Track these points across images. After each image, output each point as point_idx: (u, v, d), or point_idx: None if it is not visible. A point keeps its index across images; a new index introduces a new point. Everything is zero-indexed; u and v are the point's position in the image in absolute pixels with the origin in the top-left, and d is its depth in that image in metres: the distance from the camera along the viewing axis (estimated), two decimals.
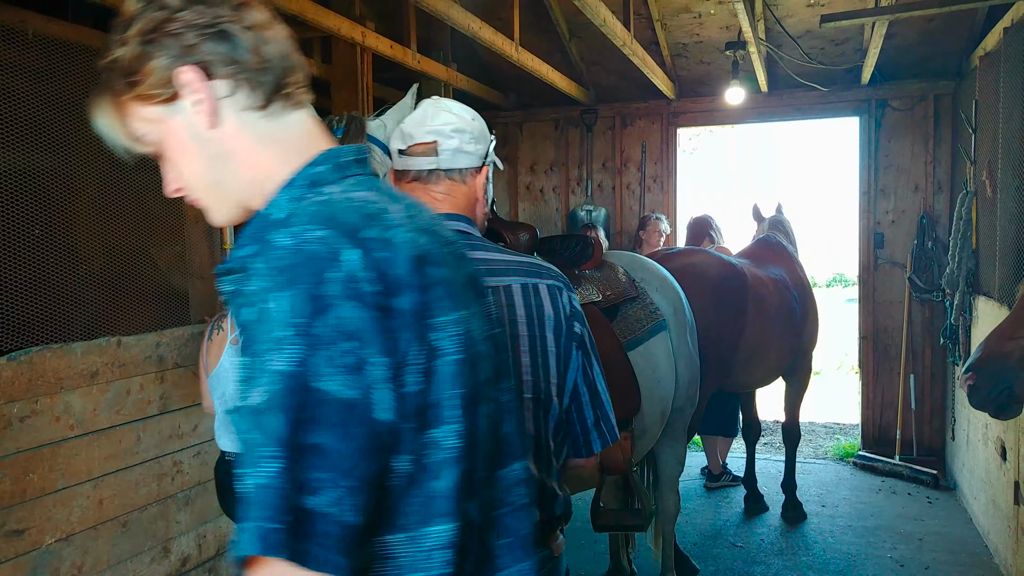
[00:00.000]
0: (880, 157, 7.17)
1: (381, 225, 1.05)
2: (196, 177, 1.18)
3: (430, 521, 1.05)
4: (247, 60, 1.12)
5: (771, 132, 28.49)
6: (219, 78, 1.11)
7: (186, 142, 1.15)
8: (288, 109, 1.17)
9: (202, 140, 1.14)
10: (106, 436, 3.27)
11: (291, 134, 1.17)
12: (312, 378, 0.92)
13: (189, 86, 1.10)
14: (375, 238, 1.02)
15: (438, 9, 4.31)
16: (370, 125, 2.19)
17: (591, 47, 7.12)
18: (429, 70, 6.11)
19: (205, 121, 1.12)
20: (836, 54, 6.92)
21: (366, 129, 2.15)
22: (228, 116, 1.13)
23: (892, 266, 7.20)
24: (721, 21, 6.65)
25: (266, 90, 1.14)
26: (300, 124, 1.19)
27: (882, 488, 6.53)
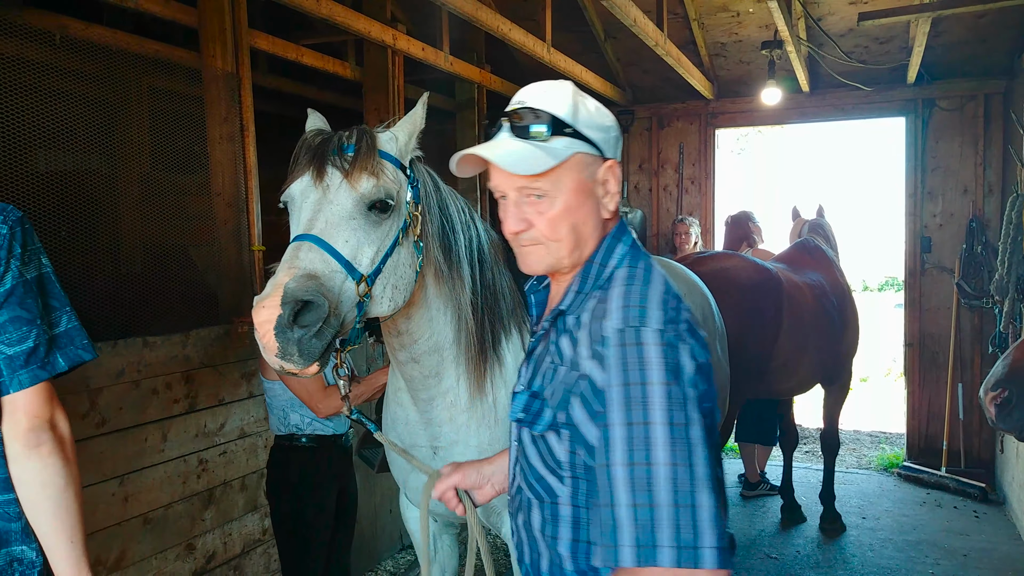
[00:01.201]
0: (927, 158, 6.96)
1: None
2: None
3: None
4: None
5: (821, 132, 27.99)
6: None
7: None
8: None
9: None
10: (132, 434, 3.32)
11: None
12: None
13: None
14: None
15: (466, 11, 4.29)
16: (381, 139, 2.16)
17: (627, 48, 7.04)
18: (462, 72, 6.11)
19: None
20: (880, 53, 6.73)
21: (377, 144, 2.12)
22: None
23: (940, 271, 6.98)
24: (760, 20, 6.52)
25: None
26: None
27: (927, 500, 6.33)
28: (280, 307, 1.79)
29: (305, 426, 3.35)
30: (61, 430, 1.65)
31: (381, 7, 5.23)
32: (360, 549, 4.59)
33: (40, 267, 1.66)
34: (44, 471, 1.61)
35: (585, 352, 1.42)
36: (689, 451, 1.30)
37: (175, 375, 3.54)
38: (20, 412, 1.59)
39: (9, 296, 1.57)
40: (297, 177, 2.09)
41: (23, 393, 1.59)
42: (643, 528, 1.29)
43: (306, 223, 2.00)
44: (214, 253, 4.20)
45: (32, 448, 1.60)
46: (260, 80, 5.44)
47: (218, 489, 3.79)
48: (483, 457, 2.56)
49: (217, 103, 4.02)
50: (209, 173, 4.10)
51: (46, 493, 1.61)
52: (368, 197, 2.05)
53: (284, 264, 1.91)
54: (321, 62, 5.43)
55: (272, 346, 1.81)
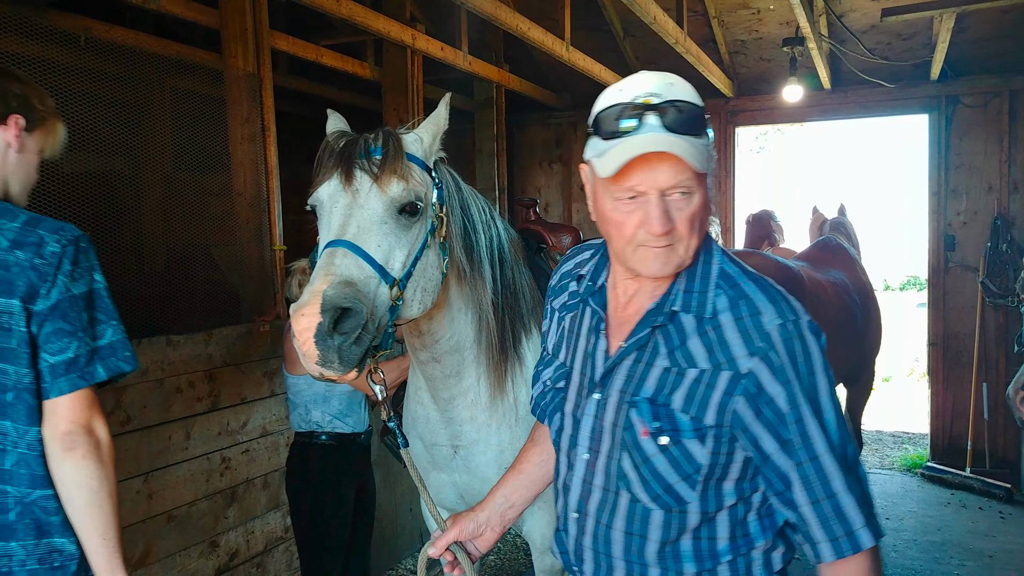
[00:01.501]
0: (951, 156, 6.88)
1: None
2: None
3: None
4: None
5: (842, 130, 27.76)
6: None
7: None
8: None
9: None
10: (156, 432, 3.34)
11: None
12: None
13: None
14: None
15: (485, 10, 4.29)
16: (406, 141, 2.16)
17: (646, 46, 7.02)
18: (481, 71, 6.12)
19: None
20: (903, 49, 6.66)
21: (403, 146, 2.12)
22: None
23: (964, 270, 6.90)
24: (781, 16, 6.47)
25: None
26: None
27: (951, 501, 6.26)
28: (320, 315, 1.79)
29: (326, 424, 3.37)
30: (98, 435, 1.75)
31: (400, 7, 5.24)
32: (381, 547, 4.61)
33: (91, 283, 1.78)
34: (78, 473, 1.71)
35: (741, 351, 1.41)
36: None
37: (198, 374, 3.56)
38: (59, 416, 1.71)
39: (54, 310, 1.70)
40: (324, 181, 2.08)
41: (62, 399, 1.70)
42: (862, 509, 1.41)
43: (338, 228, 1.99)
44: (236, 252, 4.23)
45: (67, 451, 1.71)
46: (280, 81, 5.47)
47: (241, 487, 3.81)
48: (503, 456, 2.56)
49: (239, 104, 4.04)
50: (231, 173, 4.13)
51: (79, 493, 1.72)
52: (398, 201, 2.05)
53: (320, 271, 1.91)
54: (341, 62, 5.45)
55: (312, 354, 1.81)
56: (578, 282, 1.70)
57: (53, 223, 1.78)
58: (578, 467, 1.59)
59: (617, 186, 1.40)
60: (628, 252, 1.46)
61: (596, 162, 1.43)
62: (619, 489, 1.52)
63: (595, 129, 1.45)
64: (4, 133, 1.86)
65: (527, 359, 2.60)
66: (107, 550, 1.76)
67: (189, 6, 4.03)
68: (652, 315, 1.51)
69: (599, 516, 1.56)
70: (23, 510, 1.72)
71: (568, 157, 8.25)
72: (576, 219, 8.20)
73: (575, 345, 1.67)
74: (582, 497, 1.59)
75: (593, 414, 1.56)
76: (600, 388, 1.56)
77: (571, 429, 1.63)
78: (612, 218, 1.45)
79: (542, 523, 2.72)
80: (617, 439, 1.51)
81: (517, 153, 8.39)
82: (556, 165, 8.37)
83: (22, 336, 1.70)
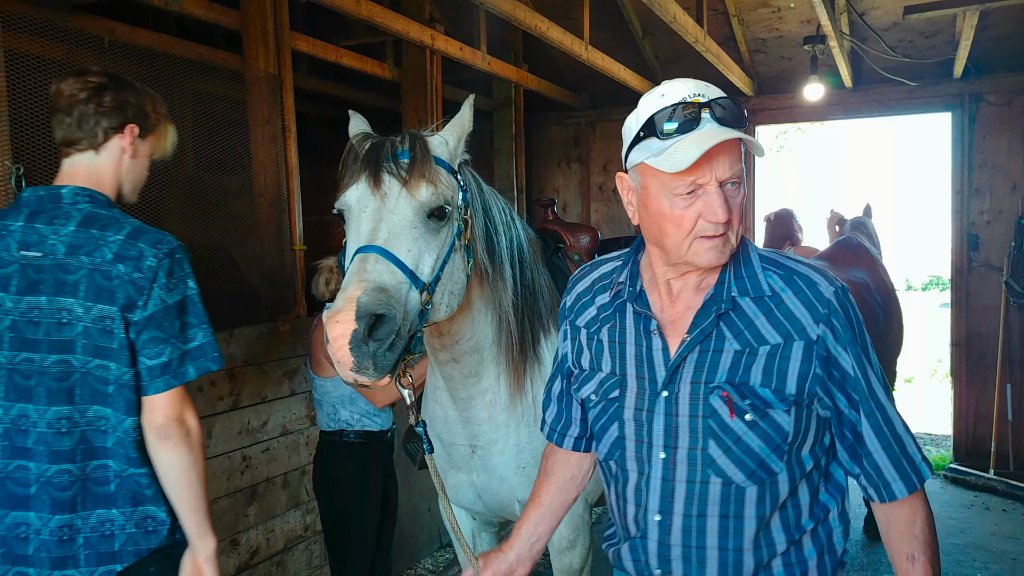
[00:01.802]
0: (974, 155, 6.80)
1: None
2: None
3: None
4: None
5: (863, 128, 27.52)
6: None
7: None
8: None
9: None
10: None
11: None
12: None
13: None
14: None
15: (504, 10, 4.29)
16: (432, 143, 2.16)
17: (665, 45, 7.00)
18: (499, 71, 6.12)
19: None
20: (926, 47, 6.60)
21: (430, 149, 2.12)
22: None
23: (987, 269, 6.82)
24: (801, 15, 6.43)
25: None
26: None
27: (974, 503, 6.19)
28: (355, 321, 1.80)
29: (355, 422, 3.39)
30: (189, 424, 1.99)
31: (419, 7, 5.25)
32: (400, 547, 4.62)
33: (185, 291, 1.99)
34: (169, 457, 1.96)
35: (808, 320, 1.54)
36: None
37: (219, 373, 3.59)
38: (155, 411, 1.95)
39: (150, 320, 1.92)
40: (351, 184, 2.08)
41: (158, 396, 1.94)
42: (917, 445, 1.61)
43: (369, 233, 2.00)
44: (257, 253, 4.26)
45: (161, 440, 1.96)
46: (300, 82, 5.50)
47: (261, 486, 3.84)
48: (521, 455, 2.57)
49: (259, 105, 4.07)
50: (252, 174, 4.16)
51: (172, 473, 1.97)
52: (427, 205, 2.05)
53: (352, 276, 1.91)
54: (360, 63, 5.47)
55: (348, 360, 1.83)
56: (612, 293, 1.73)
57: (152, 236, 1.96)
58: (655, 468, 1.62)
59: (679, 181, 1.48)
60: (684, 247, 1.53)
61: (656, 161, 1.50)
62: (708, 477, 1.58)
63: (647, 132, 1.52)
64: (120, 140, 2.05)
65: (546, 359, 2.60)
66: (196, 518, 2.02)
67: (211, 8, 4.05)
68: (712, 304, 1.59)
69: (688, 510, 1.60)
70: (121, 483, 1.97)
71: (587, 157, 8.23)
72: (595, 219, 8.19)
73: (622, 353, 1.69)
74: (664, 496, 1.62)
75: (664, 412, 1.60)
76: (668, 385, 1.60)
77: (637, 434, 1.65)
78: (670, 214, 1.52)
79: (560, 522, 2.72)
80: (699, 429, 1.57)
81: (535, 153, 8.38)
82: (575, 165, 8.36)
83: (122, 339, 1.92)
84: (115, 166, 2.06)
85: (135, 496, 1.98)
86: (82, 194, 1.99)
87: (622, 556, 1.73)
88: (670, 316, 1.64)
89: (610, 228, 8.08)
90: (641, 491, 1.65)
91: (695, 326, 1.58)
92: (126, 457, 1.97)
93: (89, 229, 1.95)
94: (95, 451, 1.96)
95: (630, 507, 1.68)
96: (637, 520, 1.67)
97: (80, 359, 1.93)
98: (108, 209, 2.01)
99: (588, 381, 1.77)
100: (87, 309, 1.91)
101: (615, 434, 1.69)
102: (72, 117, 2.01)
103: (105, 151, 2.05)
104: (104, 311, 1.91)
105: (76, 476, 1.95)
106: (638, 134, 1.54)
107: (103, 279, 1.91)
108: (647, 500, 1.64)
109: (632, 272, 1.71)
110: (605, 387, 1.72)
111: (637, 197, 1.60)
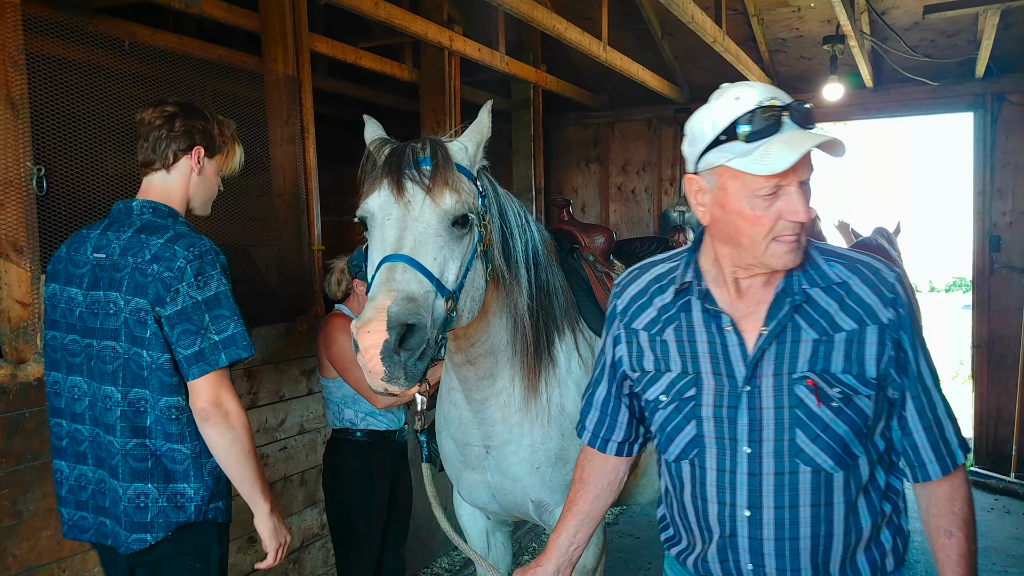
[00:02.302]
0: (996, 155, 6.73)
1: None
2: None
3: None
4: None
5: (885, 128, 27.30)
6: None
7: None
8: None
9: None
10: None
11: None
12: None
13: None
14: None
15: (522, 11, 4.30)
16: (452, 149, 2.18)
17: (684, 45, 6.98)
18: (518, 72, 6.13)
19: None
20: (947, 46, 6.53)
21: (451, 156, 2.14)
22: None
23: (1010, 271, 6.74)
24: (821, 14, 6.39)
25: None
26: None
27: (995, 507, 6.13)
28: (386, 331, 1.82)
29: (359, 421, 3.41)
30: (226, 407, 2.17)
31: (438, 8, 5.27)
32: (416, 546, 4.64)
33: (216, 288, 2.17)
34: (212, 436, 2.17)
35: (878, 304, 1.59)
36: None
37: (237, 371, 3.63)
38: (196, 395, 2.15)
39: (181, 314, 2.12)
40: (372, 191, 2.09)
41: (196, 381, 2.14)
42: (956, 430, 1.67)
43: (395, 242, 2.01)
44: (275, 253, 4.29)
45: (203, 420, 2.16)
46: (319, 83, 5.53)
47: (279, 483, 3.87)
48: (535, 456, 2.57)
49: (278, 106, 4.10)
50: (271, 175, 4.19)
51: (218, 451, 2.19)
52: (451, 213, 2.07)
53: (381, 286, 1.93)
54: (379, 64, 5.49)
55: (378, 370, 1.84)
56: (674, 293, 1.73)
57: (188, 240, 2.17)
58: (740, 464, 1.63)
59: (764, 182, 1.51)
60: (761, 248, 1.55)
61: (743, 163, 1.51)
62: (796, 467, 1.59)
63: (728, 136, 1.53)
64: (188, 160, 2.31)
65: (560, 360, 2.61)
66: (246, 488, 2.24)
67: (230, 10, 4.09)
68: (784, 296, 1.62)
69: (779, 502, 1.61)
70: (155, 461, 2.18)
71: (605, 157, 8.22)
72: (613, 219, 8.18)
73: (693, 351, 1.69)
74: (753, 491, 1.62)
75: (747, 406, 1.61)
76: (750, 379, 1.61)
77: (718, 430, 1.65)
78: (751, 215, 1.54)
79: None
80: (784, 419, 1.59)
81: (554, 153, 8.38)
82: (593, 165, 8.35)
83: (154, 329, 2.14)
84: (184, 183, 2.32)
85: (167, 473, 2.19)
86: (147, 206, 2.27)
87: (708, 560, 1.71)
88: (740, 311, 1.65)
89: (629, 228, 8.07)
90: (725, 488, 1.65)
91: (771, 318, 1.61)
92: (163, 433, 2.18)
93: (140, 235, 2.20)
94: (136, 429, 2.19)
95: (712, 506, 1.68)
96: (722, 519, 1.66)
97: (123, 346, 2.17)
98: (165, 219, 2.26)
99: (655, 383, 1.75)
100: (127, 302, 2.16)
101: (692, 433, 1.69)
102: (149, 142, 2.28)
103: (175, 170, 2.31)
104: (139, 304, 2.14)
105: (117, 449, 2.20)
106: (718, 138, 1.55)
107: (140, 276, 2.14)
108: (735, 497, 1.64)
109: (696, 272, 1.71)
110: (678, 387, 1.71)
111: (712, 198, 1.60)
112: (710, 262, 1.70)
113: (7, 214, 2.73)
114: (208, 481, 2.23)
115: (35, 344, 2.81)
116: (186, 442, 2.19)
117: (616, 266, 3.30)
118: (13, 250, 2.76)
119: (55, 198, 2.98)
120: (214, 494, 2.25)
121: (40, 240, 2.84)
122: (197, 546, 2.25)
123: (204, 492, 2.22)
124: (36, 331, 2.81)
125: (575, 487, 1.96)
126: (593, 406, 1.93)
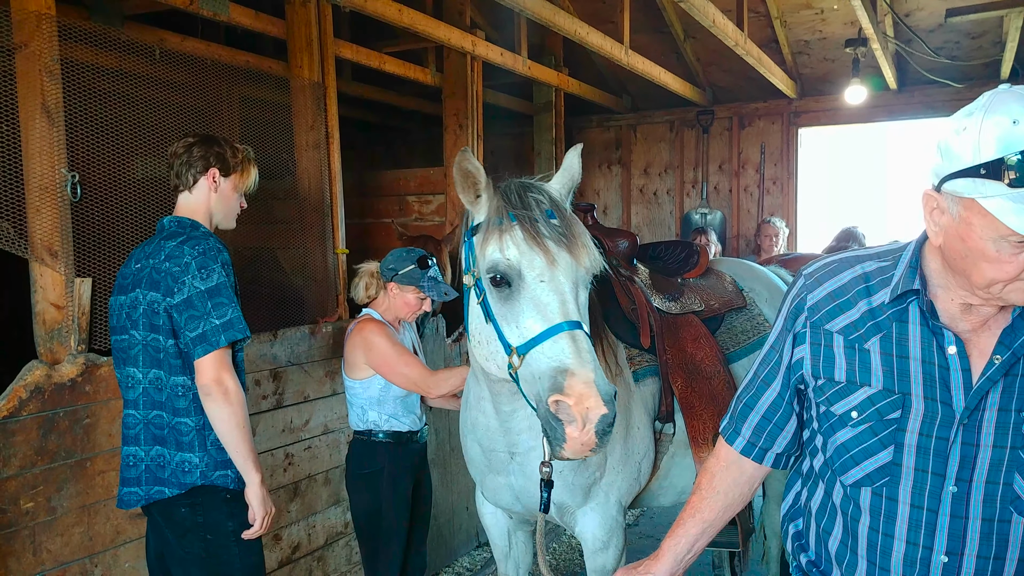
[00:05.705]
0: None
1: None
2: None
3: None
4: None
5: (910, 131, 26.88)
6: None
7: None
8: None
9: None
10: None
11: None
12: None
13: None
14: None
15: (544, 16, 4.34)
16: (562, 197, 2.32)
17: (707, 48, 6.97)
18: (540, 76, 6.16)
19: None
20: (971, 48, 6.48)
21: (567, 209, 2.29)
22: None
23: None
24: (845, 16, 6.36)
25: None
26: None
27: None
28: (605, 406, 1.89)
29: (382, 423, 3.46)
30: (226, 385, 2.45)
31: (460, 14, 5.32)
32: (438, 545, 4.69)
33: (218, 279, 2.47)
34: (212, 411, 2.46)
35: None
36: None
37: (263, 372, 3.69)
38: (199, 373, 2.44)
39: (187, 302, 2.44)
40: (507, 244, 2.13)
41: (199, 360, 2.44)
42: None
43: (561, 308, 2.06)
44: (300, 256, 4.35)
45: (205, 396, 2.45)
46: (344, 87, 5.60)
47: (303, 482, 3.93)
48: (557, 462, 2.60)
49: (304, 111, 4.17)
50: (296, 179, 4.25)
51: (217, 424, 2.47)
52: (591, 271, 2.17)
53: (574, 357, 1.97)
54: (403, 69, 5.55)
55: (593, 442, 1.91)
56: (890, 298, 1.53)
57: (194, 241, 2.50)
58: (944, 504, 1.46)
59: (1016, 235, 1.31)
60: (998, 288, 1.37)
61: (1001, 212, 1.29)
62: (1009, 516, 1.44)
63: (990, 172, 1.30)
64: (206, 181, 2.64)
65: None
66: (240, 459, 2.50)
67: (257, 18, 4.16)
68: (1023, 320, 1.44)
69: (984, 551, 1.45)
70: (169, 431, 2.52)
71: (627, 160, 8.23)
72: (635, 222, 8.19)
73: (902, 368, 1.50)
74: (954, 535, 1.46)
75: (962, 440, 1.44)
76: (972, 412, 1.44)
77: (920, 462, 1.48)
78: (994, 256, 1.34)
79: (594, 524, 2.75)
80: (1004, 460, 1.43)
81: None
82: (615, 168, 8.37)
83: (165, 318, 2.47)
84: (204, 200, 2.66)
85: (177, 441, 2.52)
86: (173, 220, 2.62)
87: None
88: (965, 331, 1.47)
89: (651, 231, 8.07)
90: (920, 528, 1.48)
91: (1004, 346, 1.42)
92: (173, 408, 2.52)
93: (161, 241, 2.53)
94: (154, 403, 2.53)
95: (899, 544, 1.51)
96: (912, 560, 1.49)
97: (142, 333, 2.51)
98: (185, 229, 2.56)
99: (846, 395, 1.55)
100: (144, 295, 2.49)
101: (885, 459, 1.51)
102: (174, 169, 2.64)
103: (196, 190, 2.65)
104: (153, 297, 2.48)
105: (139, 419, 2.55)
106: (977, 168, 1.31)
107: (156, 273, 2.48)
108: (932, 539, 1.47)
109: (923, 279, 1.50)
110: (879, 406, 1.51)
111: (950, 224, 1.39)
112: (931, 271, 1.50)
113: (43, 220, 2.81)
114: (211, 451, 2.52)
115: (69, 346, 2.89)
116: (191, 416, 2.50)
117: (639, 270, 3.31)
118: (48, 254, 2.83)
119: (88, 203, 3.06)
120: (219, 463, 2.53)
121: (74, 245, 2.92)
122: (207, 512, 2.54)
123: (208, 460, 2.52)
124: (70, 333, 2.88)
125: (702, 494, 1.81)
126: (755, 410, 1.75)
